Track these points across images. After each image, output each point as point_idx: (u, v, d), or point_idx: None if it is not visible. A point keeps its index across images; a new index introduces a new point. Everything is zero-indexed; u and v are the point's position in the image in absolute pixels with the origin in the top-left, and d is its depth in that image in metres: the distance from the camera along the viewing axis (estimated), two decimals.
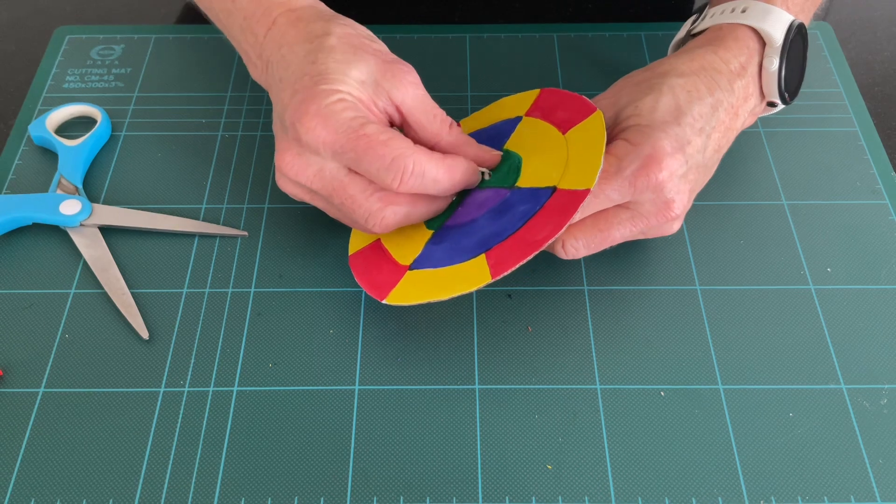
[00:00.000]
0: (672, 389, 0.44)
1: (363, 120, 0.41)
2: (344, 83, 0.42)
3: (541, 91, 0.50)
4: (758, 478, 0.41)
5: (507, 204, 0.44)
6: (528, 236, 0.42)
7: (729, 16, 0.47)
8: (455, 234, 0.45)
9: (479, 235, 0.44)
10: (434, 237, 0.45)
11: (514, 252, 0.42)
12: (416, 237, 0.46)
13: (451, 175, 0.43)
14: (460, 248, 0.44)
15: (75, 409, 0.43)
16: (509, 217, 0.44)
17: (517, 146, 0.47)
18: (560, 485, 0.41)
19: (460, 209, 0.46)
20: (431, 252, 0.45)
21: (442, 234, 0.45)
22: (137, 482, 0.41)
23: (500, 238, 0.43)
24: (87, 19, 0.64)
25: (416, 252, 0.45)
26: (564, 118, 0.47)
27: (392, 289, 0.44)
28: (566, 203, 0.42)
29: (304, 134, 0.41)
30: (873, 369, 0.45)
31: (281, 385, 0.44)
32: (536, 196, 0.44)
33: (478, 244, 0.43)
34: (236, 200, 0.52)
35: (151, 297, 0.48)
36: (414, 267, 0.44)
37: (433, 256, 0.44)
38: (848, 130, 0.55)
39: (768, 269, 0.49)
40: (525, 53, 0.60)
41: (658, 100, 0.44)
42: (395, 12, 0.64)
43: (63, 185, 0.51)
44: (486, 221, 0.44)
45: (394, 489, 0.41)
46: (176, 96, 0.57)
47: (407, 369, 0.45)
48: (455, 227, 0.45)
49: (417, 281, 0.44)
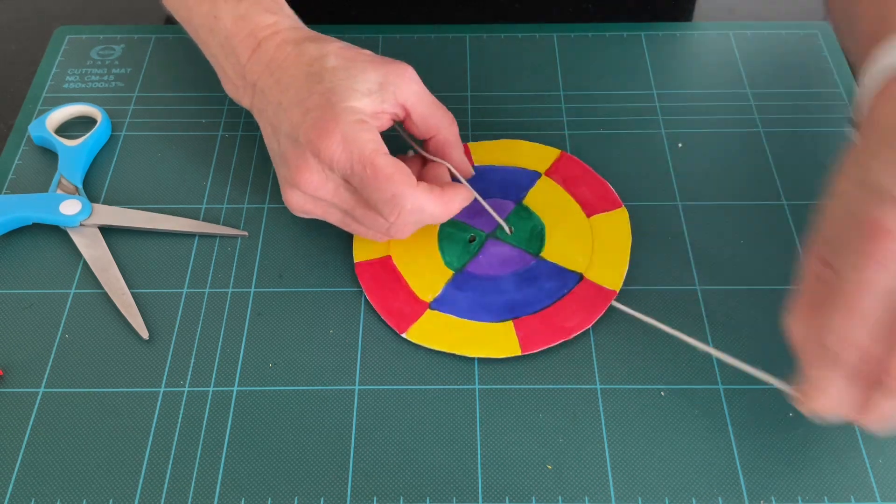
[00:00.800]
0: (672, 389, 0.44)
1: (377, 147, 0.43)
2: (355, 99, 0.43)
3: (561, 154, 0.53)
4: (758, 478, 0.41)
5: (533, 273, 0.48)
6: (557, 320, 0.46)
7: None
8: (477, 285, 0.47)
9: (505, 298, 0.46)
10: (455, 279, 0.47)
11: (545, 333, 0.45)
12: (436, 274, 0.48)
13: (448, 209, 0.46)
14: (486, 304, 0.46)
15: (75, 409, 0.43)
16: (536, 290, 0.47)
17: (538, 208, 0.50)
18: (560, 485, 0.41)
19: (481, 257, 0.48)
20: (453, 296, 0.47)
21: (463, 279, 0.47)
22: (137, 482, 0.41)
23: (529, 310, 0.46)
24: (87, 19, 0.64)
25: (436, 290, 0.47)
26: (589, 198, 0.51)
27: (412, 324, 0.46)
28: (595, 298, 0.47)
29: (324, 150, 0.43)
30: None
31: (281, 385, 0.44)
32: (564, 277, 0.47)
33: (506, 308, 0.46)
34: (236, 200, 0.52)
35: (151, 297, 0.48)
36: (435, 306, 0.46)
37: (456, 302, 0.46)
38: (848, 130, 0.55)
39: (768, 269, 0.49)
40: (525, 53, 0.60)
41: None
42: (396, 12, 0.64)
43: (63, 185, 0.51)
44: (512, 285, 0.47)
45: (394, 489, 0.41)
46: (176, 96, 0.57)
47: (407, 369, 0.45)
48: (477, 276, 0.47)
49: (440, 324, 0.46)
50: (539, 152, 0.53)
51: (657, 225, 0.50)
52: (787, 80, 0.58)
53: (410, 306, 0.46)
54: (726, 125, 0.56)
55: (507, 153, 0.53)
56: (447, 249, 0.49)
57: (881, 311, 0.33)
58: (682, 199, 0.52)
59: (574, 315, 0.46)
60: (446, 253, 0.49)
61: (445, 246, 0.49)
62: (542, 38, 0.61)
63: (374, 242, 0.49)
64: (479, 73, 0.59)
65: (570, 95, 0.57)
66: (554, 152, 0.53)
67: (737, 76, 0.59)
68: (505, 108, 0.56)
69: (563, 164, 0.53)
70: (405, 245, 0.49)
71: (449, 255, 0.48)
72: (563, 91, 0.58)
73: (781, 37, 0.61)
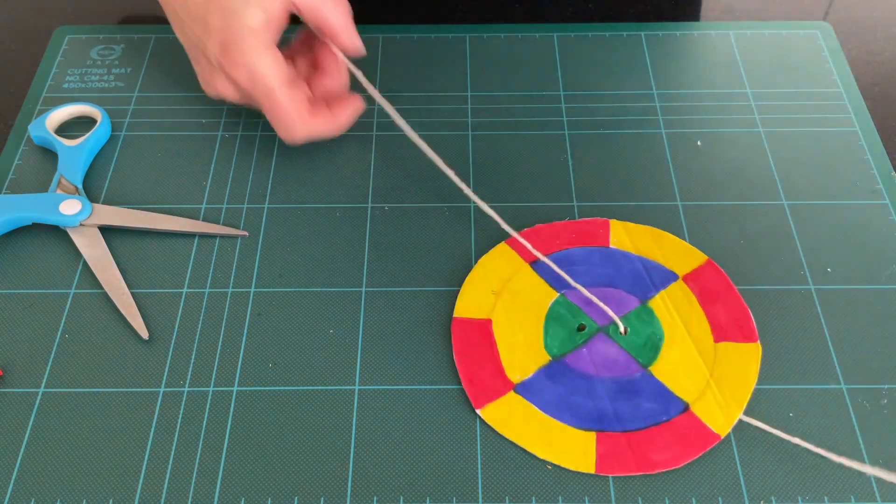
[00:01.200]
0: None
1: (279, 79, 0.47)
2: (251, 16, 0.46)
3: (707, 261, 0.48)
4: (758, 478, 0.41)
5: (635, 387, 0.43)
6: (644, 449, 0.41)
7: None
8: (571, 380, 0.43)
9: (596, 406, 0.42)
10: (550, 367, 0.44)
11: (627, 460, 0.41)
12: (532, 353, 0.44)
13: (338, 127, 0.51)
14: (572, 404, 0.43)
15: (75, 409, 0.43)
16: (632, 407, 0.42)
17: (663, 314, 0.46)
18: (560, 485, 0.41)
19: (585, 351, 0.44)
20: (542, 384, 0.43)
21: (559, 370, 0.44)
22: (137, 482, 0.41)
23: (618, 427, 0.42)
24: (87, 19, 0.64)
25: (526, 373, 0.44)
26: (722, 321, 0.46)
27: (490, 402, 0.43)
28: (695, 437, 0.42)
29: (231, 74, 0.48)
30: (873, 369, 0.45)
31: (281, 385, 0.44)
32: (667, 401, 0.43)
33: (593, 417, 0.42)
34: (236, 200, 0.52)
35: (151, 297, 0.48)
36: (519, 390, 0.43)
37: (542, 392, 0.43)
38: (848, 130, 0.55)
39: (768, 269, 0.49)
40: (525, 53, 0.60)
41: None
42: (396, 12, 0.64)
43: (63, 185, 0.51)
44: (607, 393, 0.43)
45: (394, 489, 0.41)
46: (176, 96, 0.57)
47: (407, 369, 0.45)
48: (574, 371, 0.44)
49: (518, 411, 0.43)
50: (684, 252, 0.48)
51: (657, 225, 0.50)
52: (787, 80, 0.58)
53: (495, 383, 0.43)
54: (726, 125, 0.56)
55: (649, 242, 0.49)
56: (551, 332, 0.45)
57: None
58: (683, 200, 0.52)
59: (666, 449, 0.41)
60: (549, 336, 0.45)
61: (551, 328, 0.45)
62: (542, 38, 0.61)
63: (480, 301, 0.46)
64: (479, 73, 0.59)
65: (570, 95, 0.57)
66: (701, 257, 0.48)
67: (737, 76, 0.59)
68: (505, 108, 0.57)
69: (705, 273, 0.48)
70: (510, 313, 0.46)
71: (552, 338, 0.45)
72: (563, 91, 0.58)
73: (781, 37, 0.61)
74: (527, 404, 0.43)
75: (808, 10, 0.65)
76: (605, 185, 0.53)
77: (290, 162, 0.54)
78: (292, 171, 0.53)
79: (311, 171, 0.53)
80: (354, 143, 0.54)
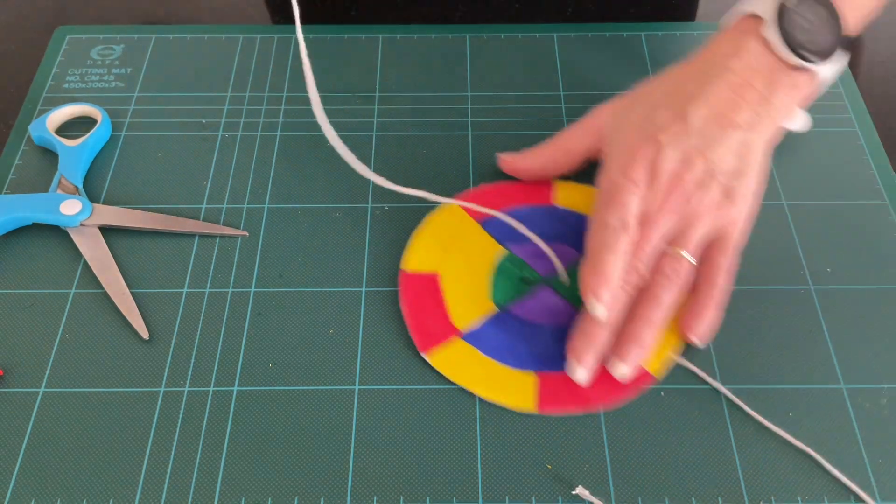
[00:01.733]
0: (672, 389, 0.44)
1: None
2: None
3: None
4: (758, 478, 0.41)
5: None
6: (583, 390, 0.43)
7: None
8: (515, 327, 0.45)
9: (538, 348, 0.44)
10: (496, 316, 0.46)
11: (566, 398, 0.43)
12: (478, 304, 0.46)
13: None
14: (515, 349, 0.44)
15: (75, 409, 0.43)
16: None
17: None
18: (560, 485, 0.41)
19: (528, 301, 0.46)
20: (487, 332, 0.45)
21: (503, 318, 0.46)
22: (137, 482, 0.41)
23: (557, 367, 0.44)
24: (87, 19, 0.64)
25: (472, 320, 0.45)
26: None
27: (436, 346, 0.44)
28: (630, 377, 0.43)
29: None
30: (873, 369, 0.45)
31: (281, 385, 0.44)
32: None
33: (534, 358, 0.44)
34: (236, 200, 0.52)
35: (151, 297, 0.48)
36: (465, 338, 0.45)
37: (487, 339, 0.45)
38: (848, 130, 0.55)
39: (768, 269, 0.49)
40: (525, 53, 0.60)
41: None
42: (396, 12, 0.64)
43: (63, 185, 0.51)
44: (549, 337, 0.45)
45: (394, 489, 0.41)
46: (176, 96, 0.57)
47: (407, 369, 0.45)
48: (518, 319, 0.45)
49: (463, 355, 0.44)
50: None
51: None
52: None
53: (441, 329, 0.45)
54: None
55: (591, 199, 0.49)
56: (498, 284, 0.47)
57: None
58: None
59: (601, 386, 0.43)
60: (496, 288, 0.47)
61: (498, 280, 0.47)
62: (542, 38, 0.61)
63: (428, 257, 0.48)
64: (479, 73, 0.59)
65: (570, 95, 0.57)
66: None
67: None
68: (505, 108, 0.56)
69: None
70: (457, 268, 0.48)
71: (498, 290, 0.47)
72: (563, 91, 0.58)
73: None
74: (472, 349, 0.44)
75: None
76: None
77: (290, 162, 0.54)
78: (292, 171, 0.53)
79: (311, 171, 0.53)
80: (354, 143, 0.54)
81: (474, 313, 0.46)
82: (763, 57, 0.45)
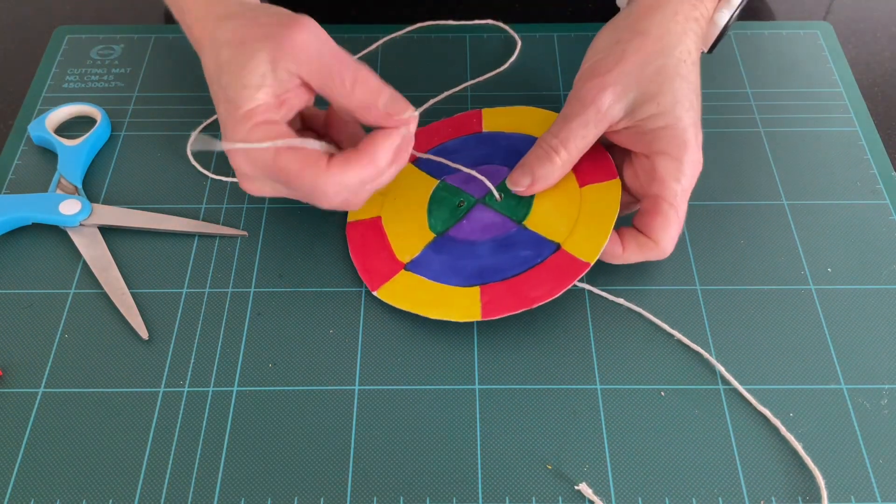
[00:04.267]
0: (672, 389, 0.44)
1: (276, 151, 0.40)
2: (248, 100, 0.41)
3: None
4: (758, 478, 0.41)
5: (511, 240, 0.46)
6: (524, 289, 0.44)
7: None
8: (455, 249, 0.47)
9: (478, 264, 0.46)
10: (435, 243, 0.47)
11: (508, 301, 0.44)
12: (418, 235, 0.47)
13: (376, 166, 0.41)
14: (457, 268, 0.46)
15: (75, 409, 0.43)
16: (510, 257, 0.45)
17: None
18: (560, 485, 0.41)
19: (465, 223, 0.48)
20: (429, 259, 0.47)
21: (443, 243, 0.47)
22: (137, 482, 0.41)
23: (498, 277, 0.45)
24: (87, 19, 0.64)
25: (415, 251, 0.47)
26: (585, 168, 0.48)
27: (384, 283, 0.46)
28: (566, 269, 0.45)
29: (238, 167, 0.42)
30: (873, 369, 0.45)
31: (281, 385, 0.44)
32: (540, 246, 0.46)
33: (475, 273, 0.45)
34: (236, 200, 0.52)
35: (151, 297, 0.48)
36: (409, 268, 0.46)
37: (430, 265, 0.46)
38: (848, 130, 0.55)
39: (768, 269, 0.49)
40: (525, 53, 0.60)
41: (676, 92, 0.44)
42: (396, 12, 0.64)
43: (63, 185, 0.51)
44: (487, 251, 0.46)
45: (394, 489, 0.41)
46: (176, 96, 0.57)
47: (407, 369, 0.45)
48: (457, 241, 0.47)
49: (410, 285, 0.46)
50: (545, 119, 0.51)
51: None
52: (787, 80, 0.58)
53: (388, 266, 0.47)
54: (726, 125, 0.56)
55: (519, 120, 0.52)
56: (435, 213, 0.48)
57: None
58: None
59: (542, 285, 0.44)
60: (433, 217, 0.48)
61: (434, 209, 0.49)
62: (542, 38, 0.61)
63: (369, 203, 0.48)
64: (479, 74, 0.59)
65: None
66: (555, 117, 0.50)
67: (737, 76, 0.59)
68: None
69: None
70: (396, 207, 0.49)
71: (435, 218, 0.48)
72: (563, 91, 0.57)
73: (782, 36, 0.61)
74: (417, 278, 0.46)
75: (808, 9, 0.65)
76: None
77: None
78: None
79: None
80: None
81: (416, 245, 0.47)
82: None
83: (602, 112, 0.45)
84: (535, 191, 0.47)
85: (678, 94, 0.44)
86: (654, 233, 0.45)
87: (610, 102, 0.45)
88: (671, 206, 0.44)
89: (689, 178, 0.45)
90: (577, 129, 0.45)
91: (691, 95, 0.45)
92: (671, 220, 0.45)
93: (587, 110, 0.45)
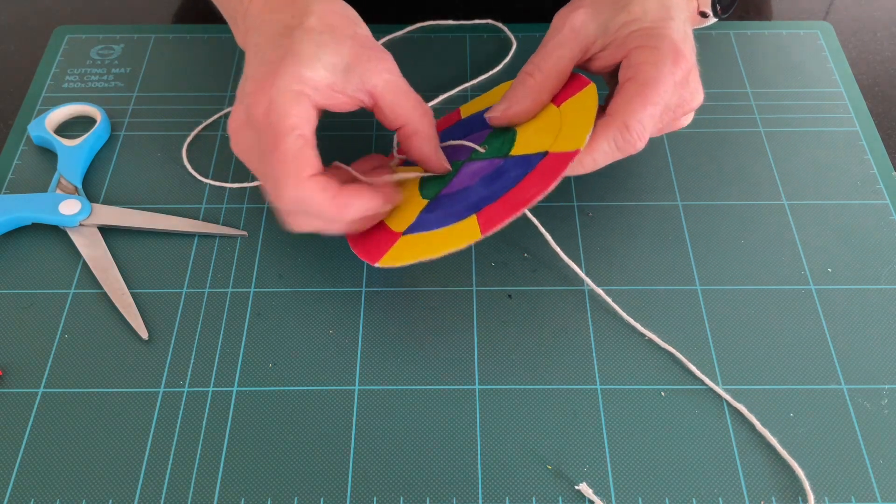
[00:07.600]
0: (672, 389, 0.44)
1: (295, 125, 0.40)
2: (311, 67, 0.41)
3: None
4: (758, 478, 0.41)
5: (500, 171, 0.45)
6: (517, 196, 0.42)
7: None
8: (448, 201, 0.45)
9: (471, 199, 0.44)
10: (429, 206, 0.46)
11: (504, 210, 0.42)
12: (411, 206, 0.46)
13: (341, 212, 0.42)
14: (452, 212, 0.44)
15: (75, 409, 0.43)
16: (501, 182, 0.44)
17: None
18: (560, 485, 0.41)
19: (455, 180, 0.47)
20: (425, 219, 0.45)
21: (436, 203, 0.46)
22: (137, 482, 0.41)
23: (491, 200, 0.43)
24: (87, 19, 0.64)
25: (410, 220, 0.46)
26: (560, 94, 0.47)
27: (384, 254, 0.44)
28: (556, 163, 0.43)
29: (251, 107, 0.41)
30: (873, 369, 0.45)
31: (281, 385, 0.44)
32: (528, 161, 0.44)
33: (469, 207, 0.44)
34: (236, 200, 0.52)
35: (151, 297, 0.48)
36: (407, 233, 0.45)
37: (426, 222, 0.45)
38: (848, 130, 0.55)
39: (768, 269, 0.49)
40: (525, 53, 0.60)
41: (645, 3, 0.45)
42: (396, 12, 0.64)
43: (62, 185, 0.51)
44: (479, 187, 0.45)
45: (394, 489, 0.41)
46: (176, 96, 0.57)
47: (407, 369, 0.45)
48: (449, 195, 0.46)
49: (410, 244, 0.44)
50: None
51: (657, 224, 0.50)
52: (787, 80, 0.58)
53: (385, 240, 0.45)
54: (726, 125, 0.56)
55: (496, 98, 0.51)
56: (427, 185, 0.47)
57: None
58: (683, 199, 0.52)
59: (534, 186, 0.42)
60: (425, 188, 0.47)
61: (426, 182, 0.48)
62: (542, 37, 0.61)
63: None
64: (479, 73, 0.59)
65: None
66: None
67: (737, 76, 0.59)
68: None
69: None
70: None
71: (427, 189, 0.47)
72: None
73: (782, 36, 0.61)
74: (416, 236, 0.44)
75: (808, 9, 0.65)
76: (603, 183, 0.53)
77: None
78: None
79: None
80: (354, 143, 0.54)
81: (409, 213, 0.46)
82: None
83: (576, 30, 0.45)
84: (512, 114, 0.46)
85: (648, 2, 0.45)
86: (625, 114, 0.42)
87: (583, 20, 0.45)
88: (643, 84, 0.42)
89: (668, 66, 0.42)
90: (551, 50, 0.46)
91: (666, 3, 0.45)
92: (645, 100, 0.42)
93: (561, 31, 0.46)
